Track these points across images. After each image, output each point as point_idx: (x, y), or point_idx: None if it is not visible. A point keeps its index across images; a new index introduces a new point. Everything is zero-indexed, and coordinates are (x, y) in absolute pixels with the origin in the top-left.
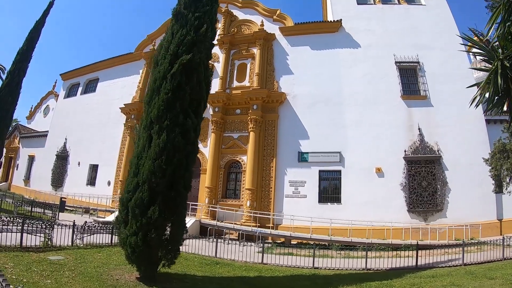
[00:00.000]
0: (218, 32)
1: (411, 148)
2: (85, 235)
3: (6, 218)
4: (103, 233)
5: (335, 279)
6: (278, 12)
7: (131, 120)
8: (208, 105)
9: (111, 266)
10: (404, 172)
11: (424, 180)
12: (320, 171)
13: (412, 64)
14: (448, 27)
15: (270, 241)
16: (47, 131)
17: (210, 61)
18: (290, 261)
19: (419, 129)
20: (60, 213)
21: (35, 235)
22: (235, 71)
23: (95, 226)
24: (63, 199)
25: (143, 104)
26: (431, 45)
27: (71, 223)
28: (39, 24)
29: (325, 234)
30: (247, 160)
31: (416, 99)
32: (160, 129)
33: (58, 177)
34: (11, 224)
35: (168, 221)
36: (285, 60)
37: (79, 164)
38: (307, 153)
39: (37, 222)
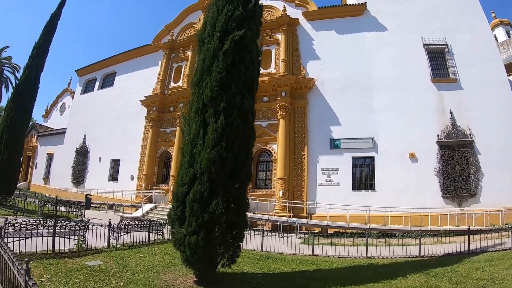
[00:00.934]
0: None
1: (443, 132)
2: (120, 234)
3: (36, 221)
4: (138, 231)
5: (396, 267)
6: None
7: (153, 112)
8: None
9: (159, 269)
10: (437, 157)
11: (458, 164)
12: (353, 158)
13: (440, 46)
14: (473, 8)
15: (305, 231)
16: (65, 128)
17: None
18: (339, 251)
19: (450, 112)
20: (85, 211)
21: (68, 238)
22: (260, 58)
23: (131, 224)
24: (88, 196)
25: (191, 86)
26: (457, 27)
27: (106, 223)
28: (55, 16)
29: (361, 222)
30: (277, 148)
31: (446, 82)
32: (216, 112)
33: (79, 174)
34: (41, 228)
35: (232, 215)
36: (311, 45)
37: (100, 159)
38: (339, 139)
39: (69, 224)
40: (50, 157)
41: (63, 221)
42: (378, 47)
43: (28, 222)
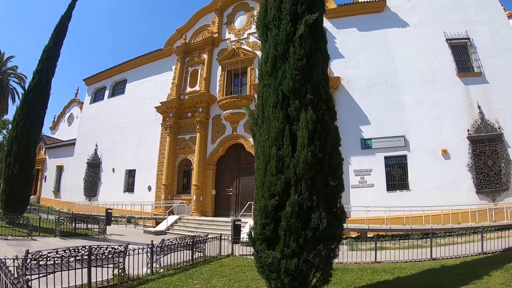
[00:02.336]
0: (257, 17)
1: (473, 127)
2: (161, 255)
3: (65, 251)
4: (181, 250)
5: (469, 266)
6: None
7: (170, 119)
8: (256, 96)
9: None
10: (469, 152)
11: (489, 159)
12: (385, 157)
13: (463, 40)
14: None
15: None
16: (75, 139)
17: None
18: (399, 255)
19: (478, 106)
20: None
21: (103, 267)
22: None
23: (173, 243)
24: (109, 211)
25: (260, 77)
26: (477, 19)
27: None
28: (65, 18)
29: (398, 223)
30: None
31: (471, 76)
32: (302, 105)
33: (91, 186)
34: (73, 258)
35: (335, 228)
36: (333, 43)
37: (113, 170)
38: (370, 139)
39: (105, 249)
40: (59, 169)
41: (97, 248)
42: (402, 43)
43: (55, 253)
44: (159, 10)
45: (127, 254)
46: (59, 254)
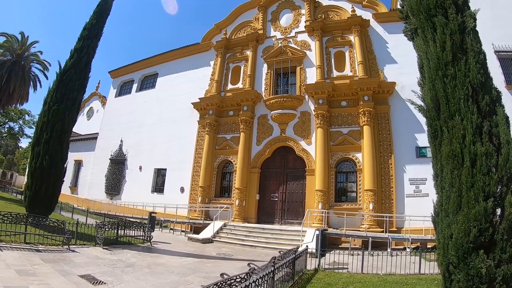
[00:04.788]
0: (304, 18)
1: None
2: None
3: None
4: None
5: None
6: None
7: (210, 116)
8: (306, 97)
9: None
10: None
11: None
12: None
13: (511, 53)
14: None
15: (396, 247)
16: (96, 133)
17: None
18: None
19: None
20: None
21: None
22: (333, 60)
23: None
24: (152, 215)
25: (432, 67)
26: None
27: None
28: None
29: None
30: (362, 157)
31: None
32: (492, 101)
33: (114, 184)
34: None
35: None
36: (385, 48)
37: (140, 168)
38: (425, 147)
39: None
40: (78, 164)
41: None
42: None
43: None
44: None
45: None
46: None
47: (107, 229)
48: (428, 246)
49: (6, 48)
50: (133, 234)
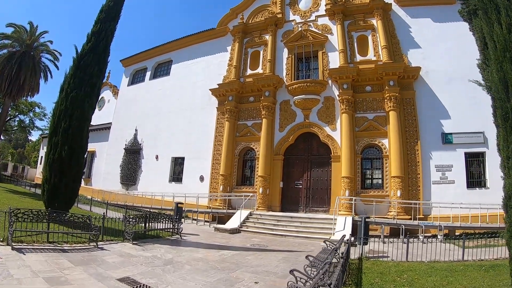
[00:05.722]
0: (324, 2)
1: None
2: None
3: None
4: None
5: None
6: None
7: (230, 103)
8: (330, 82)
9: None
10: None
11: None
12: (465, 154)
13: None
14: None
15: (423, 234)
16: (109, 123)
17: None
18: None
19: None
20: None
21: None
22: (355, 44)
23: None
24: (179, 206)
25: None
26: None
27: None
28: None
29: (475, 222)
30: (388, 143)
31: None
32: None
33: (130, 174)
34: None
35: None
36: (408, 32)
37: (157, 157)
38: (451, 134)
39: None
40: (91, 155)
41: None
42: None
43: None
44: None
45: None
46: None
47: (134, 222)
48: (456, 234)
49: (15, 39)
50: (160, 227)
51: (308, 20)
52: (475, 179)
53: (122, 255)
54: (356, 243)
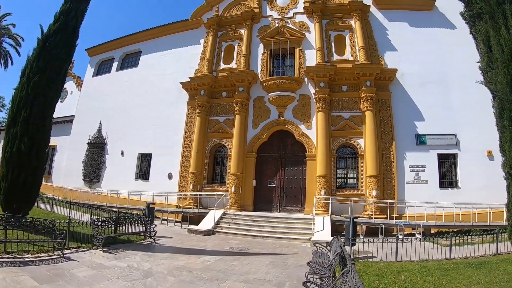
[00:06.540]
0: None
1: None
2: None
3: None
4: None
5: None
6: None
7: (201, 97)
8: (306, 80)
9: None
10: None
11: None
12: (438, 155)
13: None
14: None
15: (396, 233)
16: (71, 116)
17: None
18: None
19: None
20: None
21: None
22: (333, 43)
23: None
24: (151, 206)
25: None
26: None
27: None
28: None
29: (449, 220)
30: (364, 143)
31: None
32: None
33: (93, 171)
34: None
35: None
36: (385, 35)
37: (122, 153)
38: (425, 135)
39: None
40: (52, 149)
41: None
42: (450, 44)
43: None
44: None
45: None
46: None
47: (104, 226)
48: (431, 232)
49: None
50: (131, 230)
51: (285, 16)
52: (447, 179)
53: (94, 266)
54: (344, 244)
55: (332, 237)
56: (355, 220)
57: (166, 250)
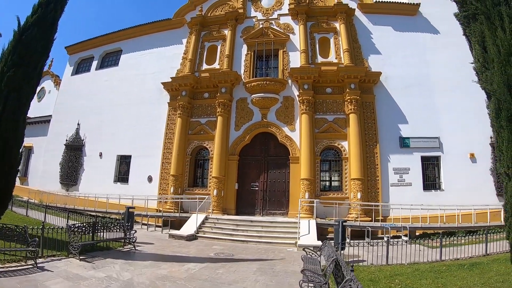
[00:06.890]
0: (287, 1)
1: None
2: None
3: None
4: None
5: None
6: None
7: (183, 98)
8: (290, 81)
9: None
10: (491, 158)
11: None
12: (422, 157)
13: None
14: None
15: (381, 235)
16: (49, 116)
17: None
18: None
19: None
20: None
21: None
22: (317, 46)
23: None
24: (130, 210)
25: None
26: None
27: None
28: None
29: (434, 222)
30: (348, 146)
31: None
32: None
33: (71, 173)
34: None
35: None
36: (370, 38)
37: (101, 155)
38: (409, 138)
39: None
40: (28, 151)
41: None
42: (434, 49)
43: None
44: None
45: None
46: None
47: (81, 232)
48: (417, 234)
49: None
50: (110, 236)
51: (270, 18)
52: (431, 181)
53: (69, 277)
54: (337, 249)
55: (322, 242)
56: (344, 223)
57: (147, 257)
